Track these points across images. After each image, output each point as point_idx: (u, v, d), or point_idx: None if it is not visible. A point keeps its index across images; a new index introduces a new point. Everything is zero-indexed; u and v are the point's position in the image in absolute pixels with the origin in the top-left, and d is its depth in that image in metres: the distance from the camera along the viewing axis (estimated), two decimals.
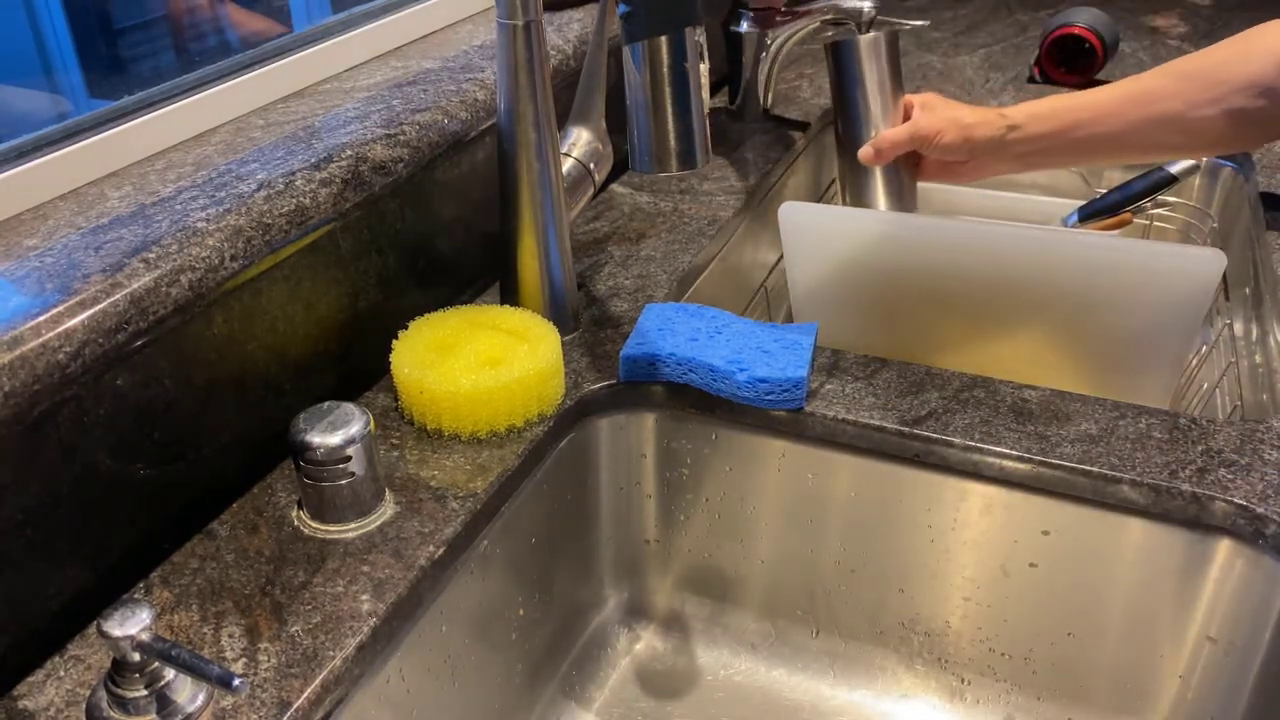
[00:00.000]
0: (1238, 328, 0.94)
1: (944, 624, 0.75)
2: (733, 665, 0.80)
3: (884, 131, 0.94)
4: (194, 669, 0.47)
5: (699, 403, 0.74)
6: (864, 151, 0.94)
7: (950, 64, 1.35)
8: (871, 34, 0.97)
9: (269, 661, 0.53)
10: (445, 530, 0.62)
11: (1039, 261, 0.85)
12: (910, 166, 0.97)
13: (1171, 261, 0.81)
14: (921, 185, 0.98)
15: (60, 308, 0.52)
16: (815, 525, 0.75)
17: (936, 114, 0.92)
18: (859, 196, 0.98)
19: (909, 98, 0.97)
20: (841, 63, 0.98)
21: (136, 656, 0.48)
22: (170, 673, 0.50)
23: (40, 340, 0.51)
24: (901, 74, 0.98)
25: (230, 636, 0.55)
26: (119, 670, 0.50)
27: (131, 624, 0.48)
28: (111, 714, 0.50)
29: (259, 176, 0.66)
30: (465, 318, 0.74)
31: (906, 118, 0.95)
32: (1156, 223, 1.14)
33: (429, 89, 0.81)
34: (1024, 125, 0.87)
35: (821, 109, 1.24)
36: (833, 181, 1.27)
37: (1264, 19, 0.80)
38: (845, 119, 0.98)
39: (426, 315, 0.74)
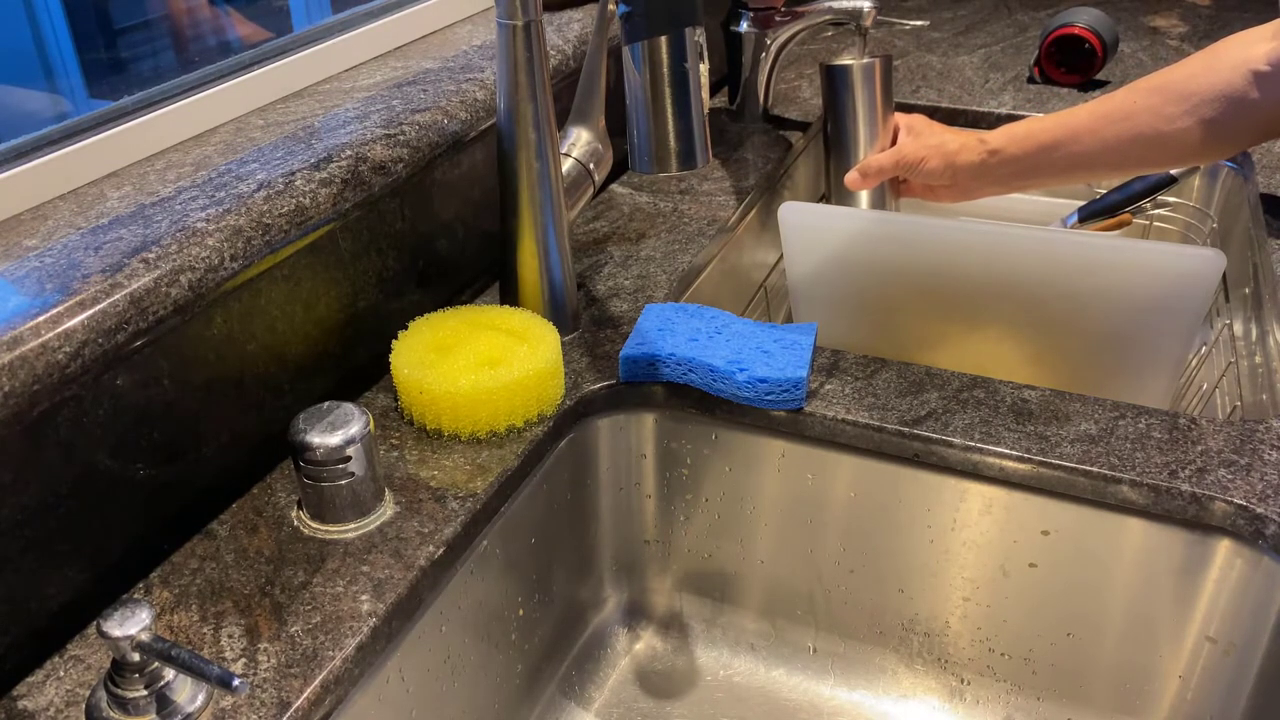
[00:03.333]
0: (1238, 328, 0.94)
1: (944, 624, 0.75)
2: (732, 665, 0.80)
3: (870, 157, 0.97)
4: (194, 669, 0.47)
5: (699, 403, 0.74)
6: (850, 176, 0.98)
7: (950, 64, 1.35)
8: (865, 60, 0.99)
9: (269, 661, 0.53)
10: (445, 530, 0.62)
11: (1038, 262, 0.85)
12: (894, 185, 1.00)
13: (1171, 261, 0.81)
14: None
15: (60, 308, 0.52)
16: (815, 525, 0.75)
17: (921, 140, 0.94)
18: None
19: (898, 118, 0.99)
20: (834, 86, 1.00)
21: (136, 656, 0.49)
22: (170, 673, 0.50)
23: (40, 340, 0.51)
24: (892, 98, 1.01)
25: (230, 636, 0.55)
26: (119, 670, 0.50)
27: (131, 624, 0.48)
28: (111, 714, 0.50)
29: (259, 176, 0.66)
30: (465, 318, 0.74)
31: (895, 139, 0.98)
32: (1156, 223, 1.14)
33: (429, 89, 0.81)
34: (1003, 149, 0.89)
35: (821, 109, 1.24)
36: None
37: (1263, 19, 0.80)
38: (835, 140, 1.02)
39: (426, 315, 0.74)
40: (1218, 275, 0.80)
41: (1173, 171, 1.06)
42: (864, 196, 1.00)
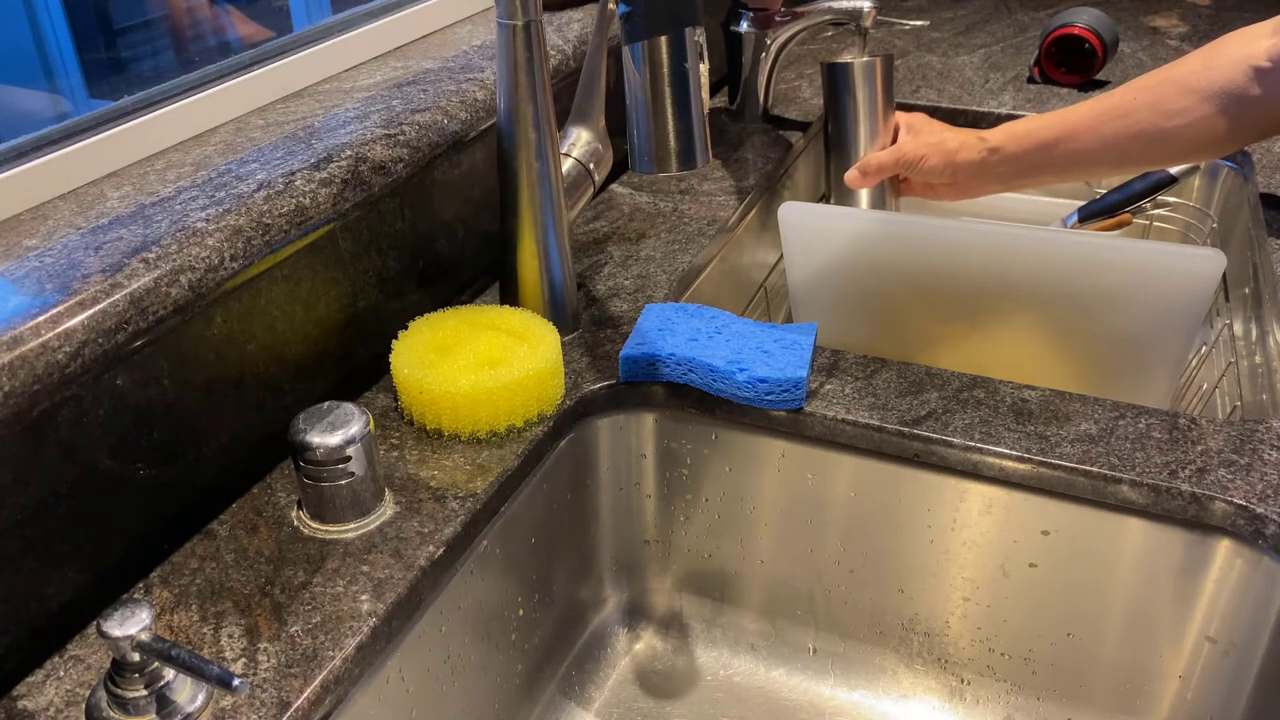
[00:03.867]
0: (1238, 328, 0.94)
1: (944, 624, 0.75)
2: (732, 665, 0.80)
3: (870, 155, 0.97)
4: (193, 669, 0.47)
5: (699, 403, 0.74)
6: (850, 175, 0.98)
7: (950, 64, 1.35)
8: (866, 59, 0.99)
9: (269, 661, 0.53)
10: (445, 530, 0.62)
11: (1039, 261, 0.85)
12: (894, 184, 0.99)
13: (1171, 261, 0.81)
14: None
15: (60, 308, 0.52)
16: (815, 525, 0.75)
17: (921, 138, 0.94)
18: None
19: (898, 117, 0.99)
20: (835, 85, 1.00)
21: (136, 656, 0.49)
22: (170, 673, 0.50)
23: (40, 340, 0.51)
24: (893, 96, 1.01)
25: (230, 636, 0.55)
26: (119, 670, 0.50)
27: (131, 624, 0.48)
28: (111, 714, 0.50)
29: (259, 176, 0.66)
30: (465, 318, 0.74)
31: (896, 137, 0.98)
32: (1156, 223, 1.14)
33: (429, 89, 0.81)
34: (1003, 147, 0.89)
35: (821, 109, 1.24)
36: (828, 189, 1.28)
37: (1263, 18, 0.80)
38: (836, 139, 1.01)
39: (426, 315, 0.74)
40: (1218, 275, 0.80)
41: (1173, 171, 1.06)
42: (864, 196, 1.00)
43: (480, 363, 0.70)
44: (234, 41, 0.99)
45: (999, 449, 0.67)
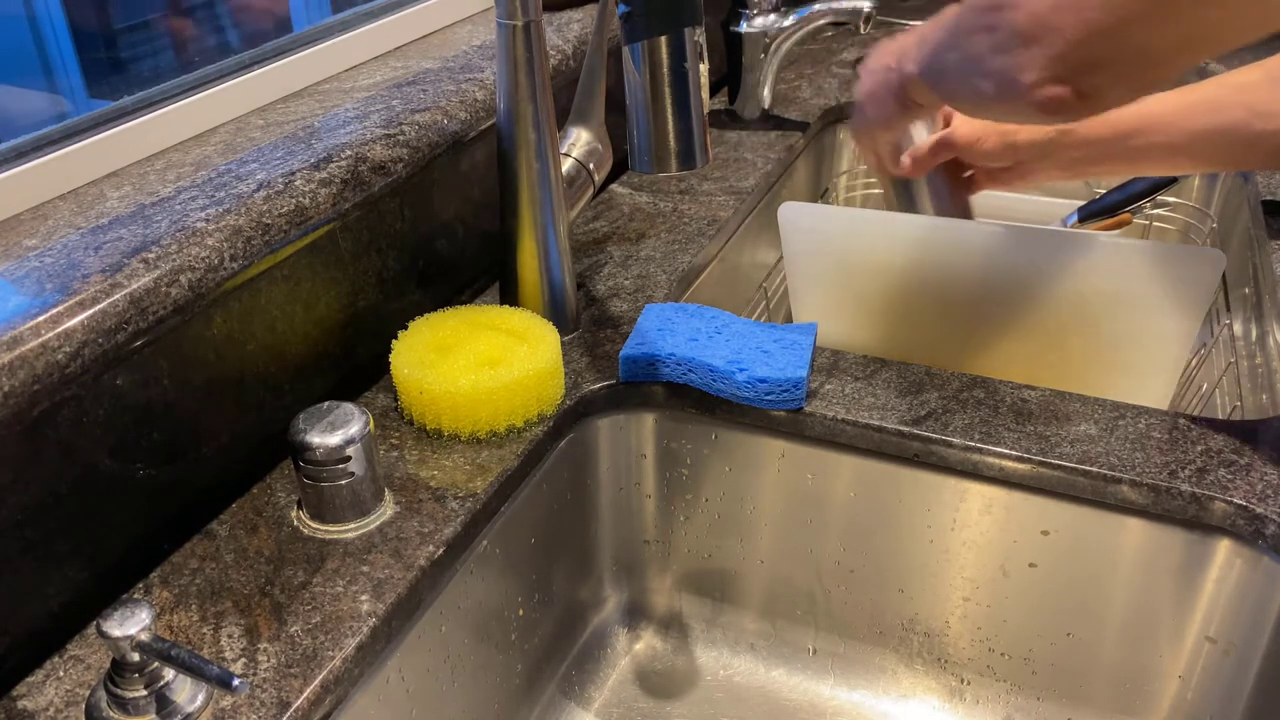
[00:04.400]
0: (1237, 328, 0.94)
1: (943, 624, 0.75)
2: (732, 665, 0.80)
3: (920, 142, 0.93)
4: (193, 669, 0.47)
5: (699, 403, 0.74)
6: (901, 162, 0.93)
7: None
8: None
9: (268, 661, 0.53)
10: (445, 530, 0.62)
11: (1039, 261, 0.85)
12: (958, 178, 0.95)
13: (1171, 261, 0.81)
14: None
15: (60, 308, 0.52)
16: (815, 525, 0.75)
17: (975, 121, 0.90)
18: (907, 211, 0.96)
19: (947, 109, 0.95)
20: None
21: (136, 656, 0.49)
22: (170, 673, 0.50)
23: (40, 340, 0.51)
24: None
25: (230, 636, 0.55)
26: (119, 670, 0.50)
27: (131, 624, 0.48)
28: (111, 714, 0.50)
29: (258, 176, 0.66)
30: (465, 318, 0.74)
31: (946, 126, 0.94)
32: (1156, 223, 1.14)
33: (429, 89, 0.81)
34: (1075, 129, 0.84)
35: (821, 109, 1.24)
36: (828, 189, 1.27)
37: None
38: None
39: (426, 315, 0.74)
40: (1218, 275, 0.80)
41: None
42: (927, 201, 0.96)
43: (480, 363, 0.70)
44: (233, 42, 0.99)
45: (999, 449, 0.67)
